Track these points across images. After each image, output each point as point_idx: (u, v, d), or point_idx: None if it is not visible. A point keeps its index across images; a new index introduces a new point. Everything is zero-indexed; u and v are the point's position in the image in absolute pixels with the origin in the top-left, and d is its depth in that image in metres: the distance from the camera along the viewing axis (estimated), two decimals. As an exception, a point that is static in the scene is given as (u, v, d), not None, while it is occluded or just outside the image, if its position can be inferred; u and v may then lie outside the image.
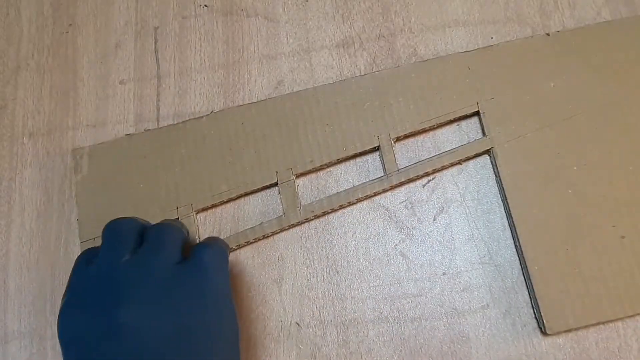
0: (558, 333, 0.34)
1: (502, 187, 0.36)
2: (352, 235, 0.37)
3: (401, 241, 0.37)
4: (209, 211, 0.38)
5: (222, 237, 0.37)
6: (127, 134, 0.40)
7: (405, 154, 0.39)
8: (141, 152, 0.38)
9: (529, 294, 0.35)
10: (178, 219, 0.37)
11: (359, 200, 0.38)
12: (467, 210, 0.37)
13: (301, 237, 0.37)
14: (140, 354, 0.27)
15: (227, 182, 0.37)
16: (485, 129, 0.37)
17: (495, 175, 0.37)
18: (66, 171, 0.40)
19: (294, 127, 0.38)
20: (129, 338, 0.27)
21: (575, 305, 0.33)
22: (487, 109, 0.38)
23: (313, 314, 0.36)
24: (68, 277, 0.30)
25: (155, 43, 0.43)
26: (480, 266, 0.36)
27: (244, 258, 0.37)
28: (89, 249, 0.32)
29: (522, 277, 0.35)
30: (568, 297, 0.33)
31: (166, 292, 0.28)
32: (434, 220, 0.37)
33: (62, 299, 0.29)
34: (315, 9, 0.42)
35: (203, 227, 0.38)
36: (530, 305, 0.35)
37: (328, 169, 0.38)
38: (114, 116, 0.41)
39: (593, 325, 0.34)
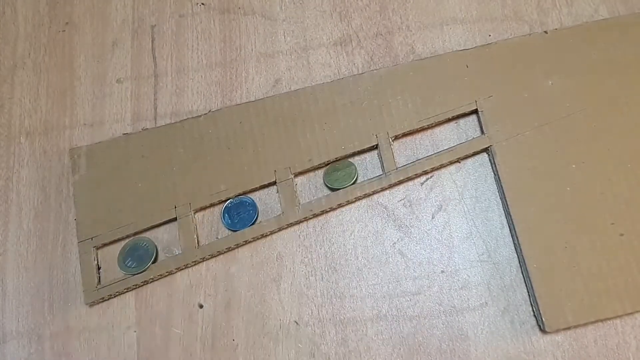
0: (557, 331, 0.34)
1: (501, 185, 0.36)
2: (351, 234, 0.37)
3: (399, 239, 0.37)
4: (207, 210, 0.38)
5: (219, 237, 0.37)
6: (124, 133, 0.40)
7: (404, 152, 0.38)
8: (139, 152, 0.38)
9: (528, 292, 0.35)
10: (176, 218, 0.37)
11: (358, 198, 0.37)
12: (466, 208, 0.37)
13: (300, 235, 0.37)
14: None
15: (225, 181, 0.37)
16: (483, 127, 0.37)
17: (494, 173, 0.37)
18: (63, 170, 0.40)
19: (292, 126, 0.38)
20: None
21: (574, 303, 0.33)
22: (485, 107, 0.37)
23: (312, 313, 0.36)
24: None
25: (152, 41, 0.42)
26: (479, 264, 0.36)
27: (242, 257, 0.37)
28: None
29: (521, 274, 0.35)
30: (567, 294, 0.33)
31: None
32: (433, 218, 0.37)
33: None
34: (313, 7, 0.42)
35: (201, 226, 0.38)
36: (528, 302, 0.35)
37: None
38: (111, 115, 0.41)
39: (592, 322, 0.34)
